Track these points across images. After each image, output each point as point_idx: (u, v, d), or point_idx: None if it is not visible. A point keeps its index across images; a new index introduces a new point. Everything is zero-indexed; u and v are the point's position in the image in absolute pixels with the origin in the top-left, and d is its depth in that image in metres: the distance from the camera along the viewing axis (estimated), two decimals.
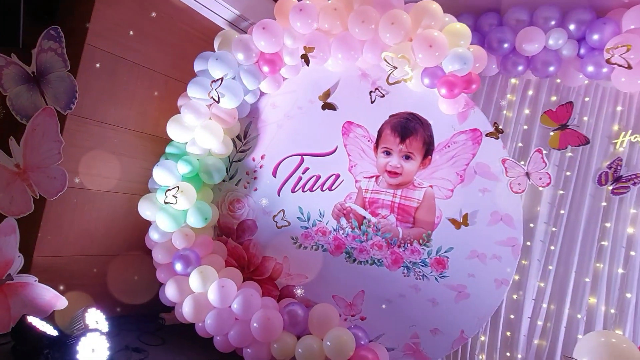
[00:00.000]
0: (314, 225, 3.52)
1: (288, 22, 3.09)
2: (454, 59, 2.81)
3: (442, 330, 3.23)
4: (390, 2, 2.91)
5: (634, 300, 3.02)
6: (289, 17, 3.06)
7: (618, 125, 3.25)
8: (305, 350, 3.06)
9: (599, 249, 3.18)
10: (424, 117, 3.27)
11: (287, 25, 3.11)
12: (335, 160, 3.46)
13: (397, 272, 3.33)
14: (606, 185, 3.18)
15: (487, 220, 3.15)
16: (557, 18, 3.17)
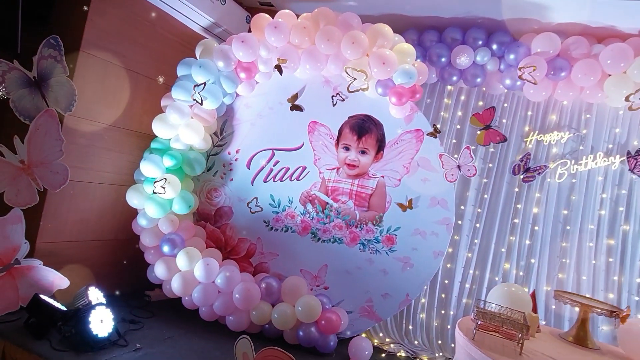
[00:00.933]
0: (283, 210, 4.08)
1: (263, 36, 3.57)
2: (402, 74, 3.44)
3: (391, 294, 3.93)
4: (350, 24, 3.48)
5: (536, 265, 3.87)
6: (264, 32, 3.54)
7: (528, 127, 4.05)
8: (280, 315, 3.65)
9: (512, 225, 4.00)
10: (377, 119, 3.90)
11: (263, 38, 3.59)
12: (302, 155, 4.02)
13: (354, 248, 3.98)
14: (518, 174, 4.00)
15: (427, 204, 3.85)
16: (483, 39, 3.89)
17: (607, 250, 3.68)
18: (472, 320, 2.40)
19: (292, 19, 3.59)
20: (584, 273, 3.70)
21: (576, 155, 3.85)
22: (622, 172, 3.71)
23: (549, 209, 3.89)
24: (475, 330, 2.22)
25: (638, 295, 3.53)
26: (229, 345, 3.45)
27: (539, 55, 3.64)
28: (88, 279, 3.54)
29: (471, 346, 2.11)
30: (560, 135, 3.90)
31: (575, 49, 3.58)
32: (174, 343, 3.37)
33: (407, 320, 4.23)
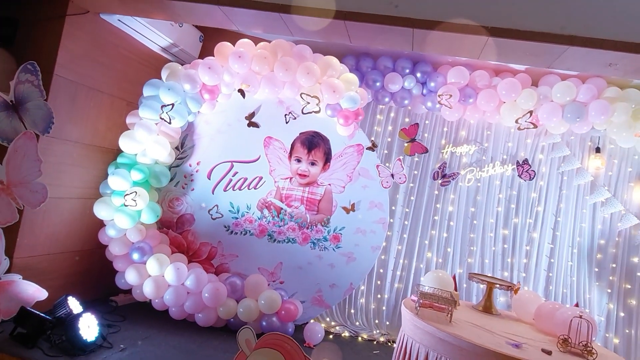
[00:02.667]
0: (242, 216, 4.56)
1: (227, 62, 4.00)
2: (349, 100, 4.10)
3: (338, 285, 4.61)
4: (305, 55, 4.05)
5: (451, 253, 4.80)
6: (228, 59, 3.97)
7: (444, 140, 4.94)
8: (245, 309, 4.15)
9: (433, 221, 4.88)
10: (324, 135, 4.52)
11: (226, 64, 4.02)
12: (258, 166, 4.52)
13: (306, 247, 4.59)
14: (437, 179, 4.88)
15: (367, 206, 4.58)
16: (410, 68, 4.67)
17: (502, 239, 4.70)
18: (413, 301, 3.13)
19: (252, 49, 4.06)
20: (486, 257, 4.69)
21: (480, 164, 4.81)
22: (513, 177, 4.74)
23: (460, 207, 4.82)
24: (418, 307, 2.95)
25: (525, 272, 4.60)
26: (201, 339, 3.93)
27: (453, 84, 4.51)
28: (60, 289, 3.73)
29: (416, 319, 2.82)
30: (469, 147, 4.84)
31: (480, 81, 4.50)
32: (152, 341, 3.73)
33: (349, 305, 4.95)
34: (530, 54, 2.80)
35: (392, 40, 3.08)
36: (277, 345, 2.54)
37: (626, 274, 4.38)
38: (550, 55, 2.73)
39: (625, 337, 4.32)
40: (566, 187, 4.60)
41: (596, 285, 4.44)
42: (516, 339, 2.69)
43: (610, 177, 4.52)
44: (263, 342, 2.60)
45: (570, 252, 4.54)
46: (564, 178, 4.62)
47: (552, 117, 4.29)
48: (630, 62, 2.58)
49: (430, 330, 2.69)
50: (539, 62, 3.00)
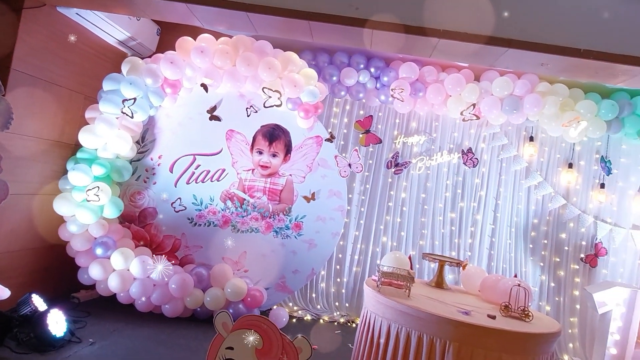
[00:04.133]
0: (206, 208, 4.65)
1: (189, 56, 4.06)
2: (308, 94, 4.29)
3: (300, 270, 4.83)
4: (266, 51, 4.19)
5: (405, 236, 5.16)
6: (190, 54, 4.03)
7: (397, 131, 5.27)
8: (212, 297, 4.28)
9: (387, 207, 5.22)
10: (285, 128, 4.70)
11: (188, 58, 4.08)
12: (221, 159, 4.62)
13: (269, 235, 4.77)
14: (391, 168, 5.21)
15: (326, 195, 4.82)
16: (364, 63, 4.93)
17: (450, 221, 5.12)
18: (374, 280, 3.41)
19: (214, 44, 4.14)
20: (436, 239, 5.10)
21: (430, 153, 5.19)
22: (459, 165, 5.16)
23: (412, 193, 5.18)
24: (379, 284, 3.23)
25: (470, 251, 5.06)
26: (170, 329, 4.04)
27: (404, 79, 4.83)
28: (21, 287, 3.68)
29: (378, 295, 3.10)
30: (419, 138, 5.20)
31: (429, 76, 4.85)
32: (121, 334, 3.78)
33: (310, 290, 5.19)
34: (474, 55, 3.12)
35: (352, 40, 3.30)
36: (254, 326, 2.71)
37: (555, 249, 4.94)
38: (492, 56, 3.07)
39: (555, 304, 4.89)
40: (505, 173, 5.08)
41: (531, 259, 4.97)
42: (465, 307, 3.03)
43: (542, 163, 5.05)
44: (240, 323, 2.75)
45: (508, 231, 5.04)
46: (503, 165, 5.10)
47: (492, 110, 4.72)
48: (559, 62, 2.97)
49: (391, 304, 2.97)
50: (482, 62, 3.35)
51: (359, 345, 3.22)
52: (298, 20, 2.98)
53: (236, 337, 2.71)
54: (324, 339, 4.43)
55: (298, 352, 2.47)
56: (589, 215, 4.92)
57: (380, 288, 3.19)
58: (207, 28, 4.08)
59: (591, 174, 4.96)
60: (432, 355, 2.74)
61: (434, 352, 2.73)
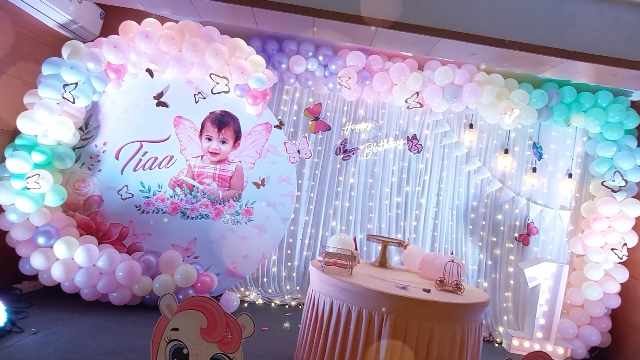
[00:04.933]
0: (154, 195, 4.62)
1: (133, 41, 4.00)
2: (256, 81, 4.34)
3: (251, 255, 4.91)
4: (213, 37, 4.19)
5: (353, 220, 5.34)
6: (134, 39, 3.97)
7: (345, 119, 5.41)
8: (161, 284, 4.28)
9: (336, 193, 5.37)
10: (234, 114, 4.72)
11: (132, 43, 4.01)
12: (169, 145, 4.60)
13: (219, 222, 4.80)
14: (339, 154, 5.35)
15: (276, 181, 4.90)
16: (313, 51, 5.01)
17: (396, 205, 5.34)
18: (319, 261, 3.55)
19: (159, 28, 4.09)
20: (383, 222, 5.31)
21: (377, 140, 5.37)
22: (404, 151, 5.38)
23: (360, 179, 5.36)
24: (323, 264, 3.37)
25: (415, 233, 5.30)
26: (118, 317, 4.02)
27: (351, 67, 4.96)
28: None
29: (322, 274, 3.24)
30: (366, 125, 5.37)
31: (375, 65, 5.00)
32: (65, 322, 3.73)
33: (262, 274, 5.28)
34: (411, 44, 3.29)
35: (296, 27, 3.38)
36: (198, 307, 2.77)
37: (493, 229, 5.28)
38: (427, 45, 3.24)
39: (492, 281, 5.24)
40: (447, 158, 5.35)
41: (470, 239, 5.28)
42: (403, 283, 3.23)
43: (480, 148, 5.35)
44: (184, 305, 2.80)
45: (450, 213, 5.32)
46: (445, 150, 5.36)
47: (434, 98, 4.94)
48: (488, 52, 3.18)
49: (333, 282, 3.12)
50: (418, 51, 3.53)
51: (305, 323, 3.36)
52: (241, 6, 3.02)
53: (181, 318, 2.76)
54: (274, 321, 4.54)
55: (242, 329, 2.56)
56: (522, 197, 5.28)
57: (324, 268, 3.32)
58: (152, 12, 4.03)
59: (524, 159, 5.31)
60: (370, 327, 2.91)
61: (372, 324, 2.91)
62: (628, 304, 4.85)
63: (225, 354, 2.62)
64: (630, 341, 4.81)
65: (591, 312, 4.88)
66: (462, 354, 2.98)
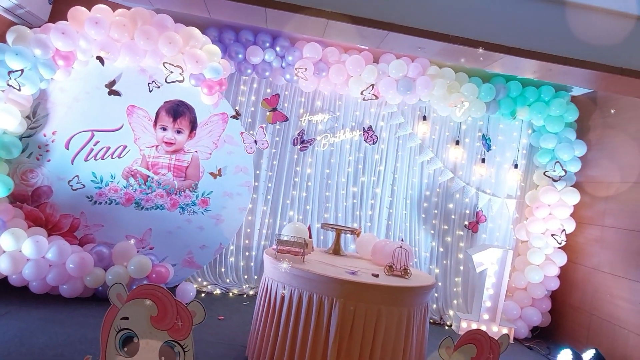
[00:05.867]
0: (106, 185, 4.54)
1: (82, 28, 3.90)
2: (212, 70, 4.33)
3: (208, 245, 4.92)
4: (166, 25, 4.13)
5: (310, 210, 5.43)
6: (83, 25, 3.87)
7: (302, 110, 5.47)
8: (115, 275, 4.23)
9: (294, 183, 5.44)
10: (189, 104, 4.69)
11: (82, 30, 3.91)
12: (122, 135, 4.52)
13: (175, 212, 4.78)
14: (297, 145, 5.42)
15: (233, 171, 4.92)
16: (270, 42, 5.03)
17: (352, 195, 5.47)
18: (273, 249, 3.62)
19: (110, 15, 4.00)
20: (339, 211, 5.43)
21: (333, 131, 5.46)
22: (360, 142, 5.50)
23: (317, 169, 5.44)
24: (276, 252, 3.44)
25: (370, 222, 5.46)
26: (69, 309, 3.96)
27: (308, 59, 5.01)
28: None
29: (275, 261, 3.31)
30: (323, 116, 5.45)
31: (331, 57, 5.07)
32: (14, 316, 3.64)
33: (220, 264, 5.30)
34: (361, 36, 3.38)
35: (248, 17, 3.41)
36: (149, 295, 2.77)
37: (444, 218, 5.50)
38: (377, 38, 3.34)
39: (443, 267, 5.47)
40: (401, 149, 5.51)
41: (423, 228, 5.49)
42: (353, 269, 3.34)
43: (433, 140, 5.54)
44: (134, 293, 2.79)
45: (404, 203, 5.50)
46: (400, 142, 5.52)
47: (389, 90, 5.08)
48: (433, 46, 3.32)
49: (285, 269, 3.19)
50: (369, 44, 3.63)
51: (258, 310, 3.42)
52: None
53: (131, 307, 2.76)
54: (231, 310, 4.58)
55: (192, 316, 2.59)
56: (472, 187, 5.52)
57: (277, 255, 3.39)
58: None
59: (474, 150, 5.55)
60: (320, 311, 3.01)
61: (323, 308, 3.00)
62: (566, 286, 5.19)
63: (176, 341, 2.64)
64: (567, 320, 5.15)
65: (533, 294, 5.19)
66: (408, 335, 3.14)
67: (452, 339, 2.37)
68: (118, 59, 4.19)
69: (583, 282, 5.02)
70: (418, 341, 3.27)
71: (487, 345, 2.51)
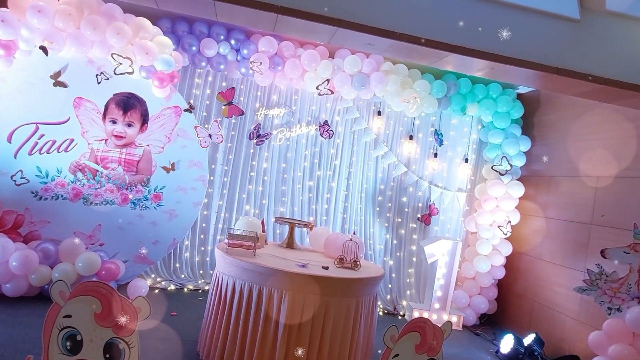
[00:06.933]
0: (52, 180, 4.38)
1: (24, 16, 3.73)
2: (163, 62, 4.24)
3: (161, 241, 4.85)
4: (114, 15, 4.02)
5: (266, 204, 5.43)
6: (25, 13, 3.70)
7: (258, 104, 5.44)
8: (62, 273, 4.10)
9: (250, 177, 5.42)
10: (140, 97, 4.58)
11: (24, 18, 3.74)
12: (69, 128, 4.37)
13: (126, 207, 4.67)
14: (253, 139, 5.40)
15: (187, 165, 4.85)
16: (224, 34, 4.97)
17: (308, 189, 5.52)
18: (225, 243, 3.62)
19: (55, 3, 3.85)
20: (295, 205, 5.47)
21: (290, 125, 5.48)
22: (316, 136, 5.54)
23: (273, 163, 5.45)
24: (228, 246, 3.43)
25: (326, 215, 5.52)
26: (12, 308, 3.84)
27: (263, 53, 4.99)
28: None
29: (226, 256, 3.31)
30: (280, 110, 5.45)
31: (287, 51, 5.08)
32: None
33: (174, 260, 5.23)
34: (311, 32, 3.41)
35: (196, 9, 3.36)
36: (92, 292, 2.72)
37: (398, 211, 5.64)
38: (327, 34, 3.37)
39: (397, 259, 5.62)
40: (357, 144, 5.60)
41: (378, 221, 5.61)
42: (303, 261, 3.39)
43: (387, 134, 5.66)
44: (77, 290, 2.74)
45: (359, 196, 5.60)
46: (355, 136, 5.60)
47: (344, 85, 5.14)
48: (382, 43, 3.38)
49: (236, 263, 3.21)
50: (319, 39, 3.66)
51: (209, 305, 3.42)
52: None
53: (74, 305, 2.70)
54: (186, 306, 4.55)
55: (137, 312, 2.57)
56: (425, 180, 5.68)
57: (228, 250, 3.39)
58: None
59: (427, 145, 5.71)
60: (270, 304, 3.04)
61: (272, 301, 3.04)
62: (511, 275, 5.45)
63: (121, 338, 2.61)
64: (512, 307, 5.42)
65: (481, 283, 5.43)
66: (356, 325, 3.22)
67: (397, 327, 2.46)
68: (63, 49, 4.04)
69: (526, 271, 5.28)
70: (366, 331, 3.37)
71: (430, 332, 2.62)
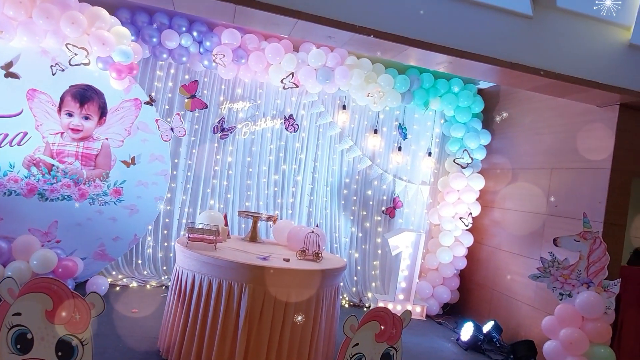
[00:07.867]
0: (5, 175, 4.21)
1: None
2: (121, 53, 4.13)
3: (121, 237, 4.73)
4: (69, 4, 3.88)
5: (231, 198, 5.39)
6: None
7: (222, 97, 5.37)
8: (15, 271, 3.94)
9: (214, 171, 5.36)
10: (98, 89, 4.45)
11: None
12: (22, 121, 4.20)
13: (84, 203, 4.54)
14: (217, 133, 5.33)
15: (148, 159, 4.74)
16: (186, 26, 4.87)
17: (274, 183, 5.50)
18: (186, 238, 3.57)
19: None
20: (261, 199, 5.44)
21: (254, 119, 5.44)
22: (281, 130, 5.53)
23: (238, 157, 5.40)
24: (188, 240, 3.39)
25: (292, 209, 5.53)
26: None
27: (226, 45, 4.93)
28: None
29: (186, 250, 3.26)
30: (244, 104, 5.40)
31: (250, 44, 5.03)
32: None
33: (136, 256, 5.13)
34: (271, 23, 3.39)
35: None
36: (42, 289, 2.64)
37: (363, 204, 5.70)
38: (287, 26, 3.36)
39: (362, 251, 5.69)
40: (322, 138, 5.62)
41: (343, 214, 5.66)
42: (264, 254, 3.38)
43: (353, 128, 5.70)
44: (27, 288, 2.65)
45: (325, 190, 5.63)
46: (320, 130, 5.62)
47: (308, 79, 5.14)
48: (342, 36, 3.41)
49: (196, 257, 3.17)
50: (280, 31, 3.65)
51: (170, 300, 3.37)
52: None
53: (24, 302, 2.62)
54: (148, 303, 4.47)
55: (90, 308, 2.51)
56: (389, 174, 5.76)
57: (188, 244, 3.35)
58: None
59: (391, 138, 5.78)
60: (230, 298, 3.03)
61: (232, 294, 3.03)
62: (472, 265, 5.61)
63: (74, 335, 2.55)
64: (474, 296, 5.58)
65: (444, 274, 5.56)
66: (317, 316, 3.25)
67: (356, 317, 2.49)
68: (14, 38, 3.88)
69: (487, 261, 5.45)
70: (328, 322, 3.40)
71: (390, 321, 2.66)
